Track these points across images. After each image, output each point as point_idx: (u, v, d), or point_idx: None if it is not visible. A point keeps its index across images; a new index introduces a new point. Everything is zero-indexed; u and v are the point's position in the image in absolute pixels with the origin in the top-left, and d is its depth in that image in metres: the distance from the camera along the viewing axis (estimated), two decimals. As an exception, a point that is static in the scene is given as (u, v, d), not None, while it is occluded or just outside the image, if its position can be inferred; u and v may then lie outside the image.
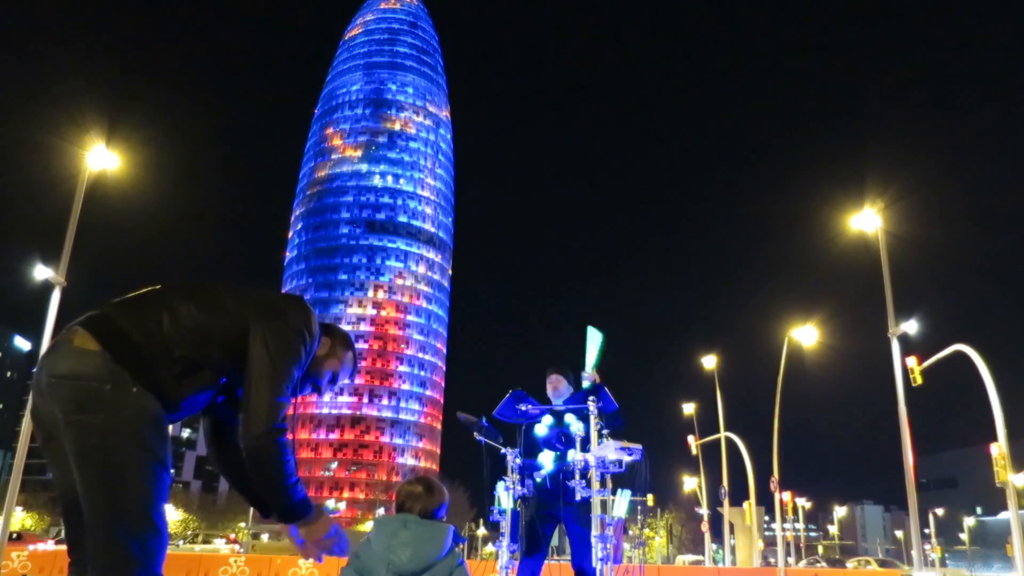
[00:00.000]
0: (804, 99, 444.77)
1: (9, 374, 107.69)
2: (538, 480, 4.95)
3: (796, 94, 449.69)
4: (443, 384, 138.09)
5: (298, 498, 2.17)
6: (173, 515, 66.90)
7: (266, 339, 2.15)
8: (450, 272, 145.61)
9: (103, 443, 1.92)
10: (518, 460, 4.98)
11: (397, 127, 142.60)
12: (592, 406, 4.73)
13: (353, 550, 2.40)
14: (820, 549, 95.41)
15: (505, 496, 5.04)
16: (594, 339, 5.57)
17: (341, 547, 2.32)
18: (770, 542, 66.37)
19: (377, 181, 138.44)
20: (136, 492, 1.93)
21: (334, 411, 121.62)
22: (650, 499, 52.08)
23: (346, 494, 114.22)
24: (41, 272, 16.23)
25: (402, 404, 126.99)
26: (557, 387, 5.34)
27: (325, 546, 2.29)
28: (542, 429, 5.12)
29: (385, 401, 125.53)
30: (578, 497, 4.58)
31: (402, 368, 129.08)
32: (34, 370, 2.13)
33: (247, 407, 2.09)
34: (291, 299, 2.33)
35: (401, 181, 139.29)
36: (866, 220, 18.97)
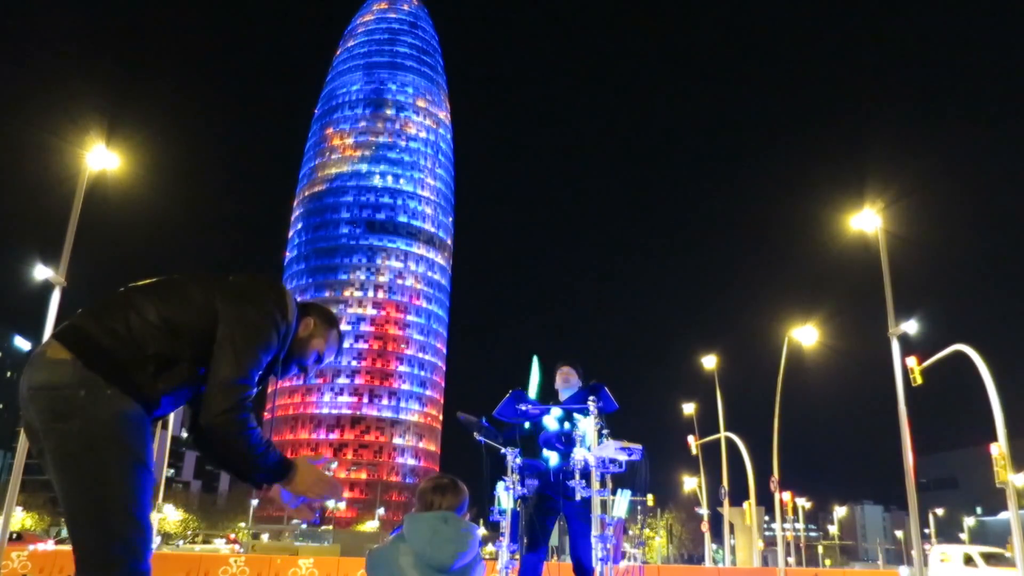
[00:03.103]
0: (804, 99, 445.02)
1: (9, 374, 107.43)
2: (548, 461, 4.95)
3: (796, 94, 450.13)
4: (443, 384, 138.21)
5: (273, 460, 2.15)
6: (173, 515, 66.82)
7: (232, 325, 2.14)
8: (450, 272, 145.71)
9: (83, 449, 1.94)
10: (518, 460, 4.99)
11: (397, 127, 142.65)
12: (592, 406, 4.73)
13: (382, 544, 2.43)
14: (820, 549, 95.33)
15: (505, 496, 5.05)
16: (535, 369, 5.64)
17: (333, 491, 2.28)
18: (770, 542, 66.28)
19: (377, 181, 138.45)
20: (119, 493, 1.94)
21: (334, 411, 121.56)
22: (650, 499, 52.01)
23: (346, 494, 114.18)
24: (41, 272, 16.21)
25: (402, 404, 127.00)
26: (568, 379, 5.35)
27: (318, 493, 2.25)
28: (552, 422, 5.13)
29: (385, 401, 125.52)
30: (578, 497, 4.58)
31: (402, 368, 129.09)
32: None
33: (208, 389, 2.09)
34: (262, 282, 2.30)
35: (401, 181, 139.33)
36: (866, 220, 18.95)
